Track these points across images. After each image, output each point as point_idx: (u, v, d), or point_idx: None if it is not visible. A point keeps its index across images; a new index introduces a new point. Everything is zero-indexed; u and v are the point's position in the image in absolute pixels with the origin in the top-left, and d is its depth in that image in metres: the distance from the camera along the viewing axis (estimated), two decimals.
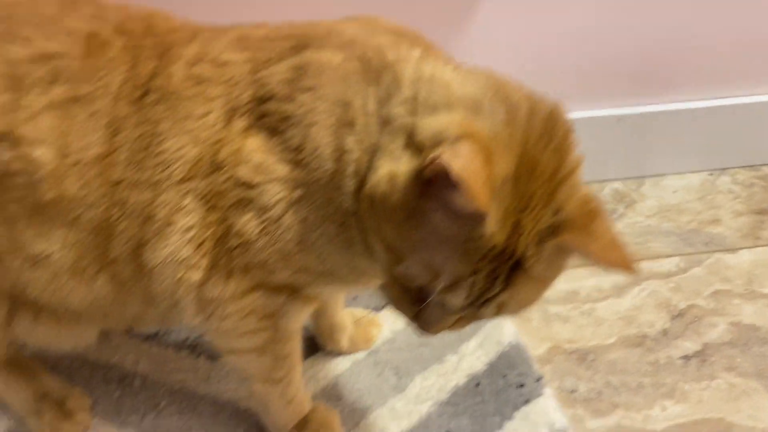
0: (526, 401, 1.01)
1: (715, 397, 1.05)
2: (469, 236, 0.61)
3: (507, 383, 1.03)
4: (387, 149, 0.67)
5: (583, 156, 0.67)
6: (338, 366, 1.07)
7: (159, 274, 0.78)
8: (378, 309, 1.15)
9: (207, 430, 0.97)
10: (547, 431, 0.97)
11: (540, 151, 0.63)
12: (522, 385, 1.03)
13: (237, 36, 0.77)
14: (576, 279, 1.27)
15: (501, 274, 0.64)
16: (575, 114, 1.43)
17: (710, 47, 1.40)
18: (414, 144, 0.65)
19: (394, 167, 0.65)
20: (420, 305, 0.68)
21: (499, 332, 1.11)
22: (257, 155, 0.72)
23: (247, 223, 0.73)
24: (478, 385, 1.03)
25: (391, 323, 1.13)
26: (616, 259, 0.63)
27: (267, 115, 0.73)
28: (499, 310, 0.67)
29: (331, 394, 1.02)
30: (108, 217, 0.76)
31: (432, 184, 0.61)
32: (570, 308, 1.20)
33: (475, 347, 1.09)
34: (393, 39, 0.73)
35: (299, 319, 0.84)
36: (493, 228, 0.61)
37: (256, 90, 0.73)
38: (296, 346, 0.88)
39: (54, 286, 0.82)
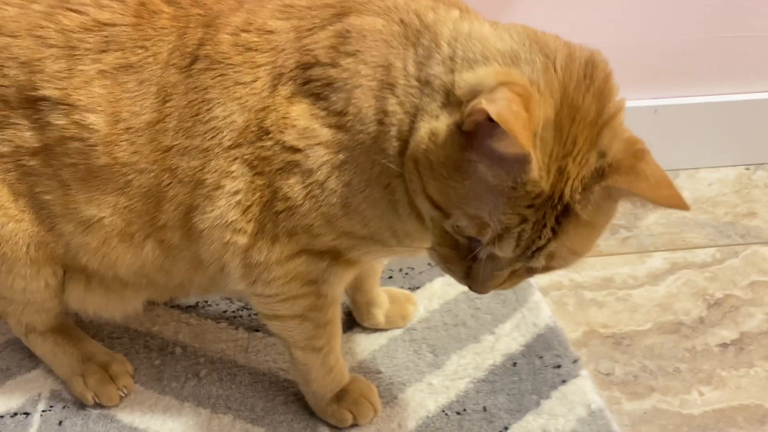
0: (563, 381, 1.01)
1: (753, 385, 1.04)
2: (515, 183, 0.62)
3: (544, 364, 1.03)
4: (427, 109, 0.68)
5: (624, 100, 0.67)
6: (375, 342, 1.07)
7: (207, 237, 0.79)
8: (413, 289, 1.16)
9: (245, 398, 0.98)
10: (584, 411, 0.96)
11: (581, 96, 0.63)
12: (559, 366, 1.03)
13: (281, 5, 0.78)
14: (611, 266, 1.26)
15: (549, 221, 0.63)
16: None
17: (751, 39, 1.40)
18: (453, 100, 0.66)
19: (435, 124, 0.66)
20: (471, 262, 0.68)
21: (535, 315, 1.11)
22: (302, 120, 0.74)
23: (293, 187, 0.75)
24: (515, 364, 1.04)
25: (426, 303, 1.14)
26: (667, 196, 0.62)
27: (311, 81, 0.74)
28: (551, 260, 0.67)
29: (369, 368, 1.03)
30: (159, 183, 0.78)
31: (473, 134, 0.62)
32: (605, 294, 1.20)
33: (511, 329, 1.10)
34: (431, 3, 0.74)
35: (340, 284, 0.85)
36: (538, 172, 0.61)
37: (300, 57, 0.75)
38: (336, 313, 0.89)
39: (104, 252, 0.84)
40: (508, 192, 0.62)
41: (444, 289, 1.17)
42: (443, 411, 0.96)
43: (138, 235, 0.83)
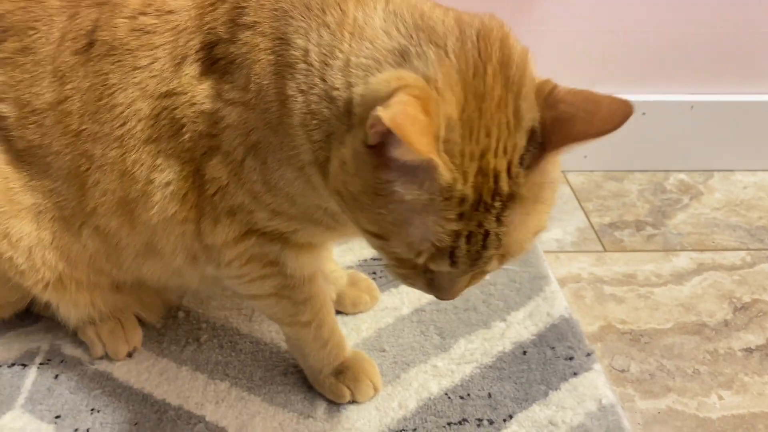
0: (575, 374, 0.96)
1: None
2: (431, 195, 0.57)
3: (555, 355, 0.99)
4: (337, 134, 0.64)
5: (527, 50, 0.62)
6: (382, 320, 1.04)
7: (162, 231, 0.80)
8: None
9: (244, 367, 0.96)
10: (594, 405, 0.92)
11: (482, 81, 0.59)
12: (571, 358, 0.98)
13: None
14: (634, 263, 1.21)
15: (489, 225, 0.59)
16: (646, 96, 1.39)
17: None
18: (355, 120, 0.61)
19: (342, 151, 0.62)
20: (430, 275, 0.65)
21: (550, 305, 1.07)
22: (209, 103, 0.72)
23: (217, 168, 0.74)
24: (525, 353, 0.99)
25: None
26: (603, 118, 0.56)
27: (217, 59, 0.72)
28: (508, 252, 0.62)
29: (374, 345, 1.00)
30: (77, 167, 0.78)
31: (381, 152, 0.57)
32: (626, 290, 1.15)
33: (524, 317, 1.05)
34: None
35: (304, 265, 0.82)
36: (449, 176, 0.56)
37: (204, 36, 0.73)
38: (316, 290, 0.86)
39: (56, 244, 0.84)
40: (429, 208, 0.58)
41: None
42: (446, 394, 0.93)
43: (73, 222, 0.82)
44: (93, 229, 0.82)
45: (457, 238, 0.59)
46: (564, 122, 0.57)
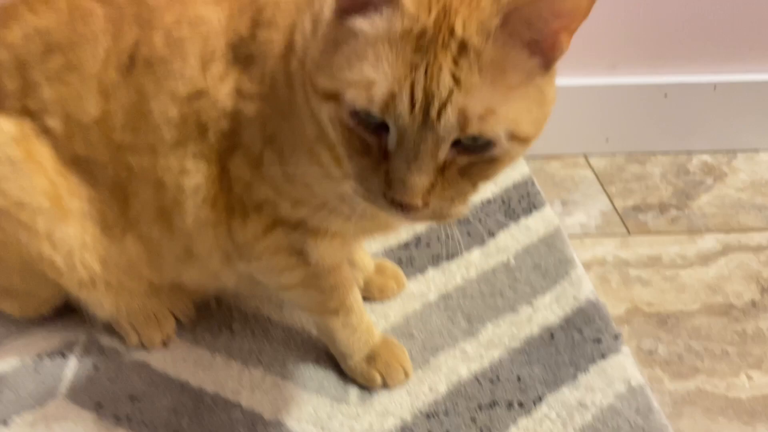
0: (603, 356, 0.97)
1: None
2: (390, 25, 0.57)
3: (583, 338, 1.00)
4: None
5: None
6: (409, 307, 1.06)
7: (197, 236, 0.83)
8: (450, 258, 1.14)
9: (278, 354, 0.98)
10: (623, 387, 0.93)
11: None
12: (599, 341, 0.99)
13: None
14: (659, 245, 1.22)
15: (445, 62, 0.56)
16: (668, 78, 1.38)
17: None
18: None
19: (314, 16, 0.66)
20: (385, 165, 0.60)
21: (576, 289, 1.08)
22: (231, 101, 0.75)
23: (239, 166, 0.78)
24: (552, 336, 1.00)
25: (464, 272, 1.12)
26: None
27: (238, 58, 0.75)
28: (466, 122, 0.57)
29: (402, 332, 1.01)
30: (119, 178, 0.82)
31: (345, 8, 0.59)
32: (651, 272, 1.16)
33: (551, 301, 1.06)
34: None
35: (326, 255, 0.84)
36: (413, 4, 0.56)
37: (230, 37, 0.76)
38: (341, 279, 0.88)
39: (91, 242, 0.86)
40: (388, 39, 0.57)
41: (482, 259, 1.14)
42: (476, 378, 0.94)
43: (116, 228, 0.85)
44: (136, 237, 0.85)
45: (413, 70, 0.56)
46: None
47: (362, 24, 0.58)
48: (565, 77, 1.37)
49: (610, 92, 1.40)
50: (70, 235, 0.84)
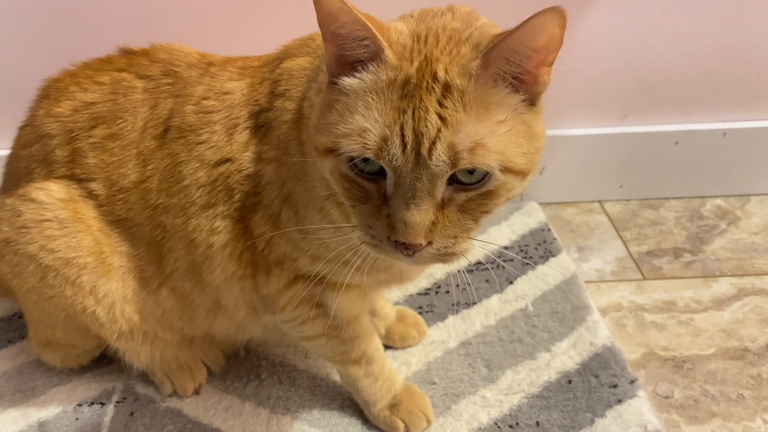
0: (619, 401, 1.00)
1: None
2: (376, 77, 0.64)
3: (600, 383, 1.03)
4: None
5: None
6: (430, 354, 1.09)
7: (225, 289, 0.90)
8: (469, 305, 1.18)
9: (304, 401, 1.02)
10: None
11: (436, 16, 0.69)
12: (615, 386, 1.02)
13: (238, 67, 0.89)
14: (673, 289, 1.24)
15: (430, 104, 0.61)
16: (678, 126, 1.43)
17: None
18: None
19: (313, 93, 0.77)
20: (387, 210, 0.64)
21: (592, 334, 1.11)
22: (253, 166, 0.84)
23: (260, 224, 0.85)
24: (570, 382, 1.03)
25: (483, 318, 1.15)
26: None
27: (259, 125, 0.84)
28: (456, 157, 0.61)
29: (424, 378, 1.05)
30: (155, 237, 0.89)
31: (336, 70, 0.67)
32: (666, 317, 1.18)
33: (568, 347, 1.09)
34: None
35: (345, 307, 0.90)
36: (395, 57, 0.63)
37: (252, 107, 0.85)
38: (360, 329, 0.93)
39: (131, 296, 0.93)
40: (376, 90, 0.63)
41: (501, 306, 1.18)
42: (496, 424, 0.97)
43: (152, 282, 0.92)
44: (170, 290, 0.91)
45: (402, 114, 0.62)
46: (506, 32, 0.63)
47: (351, 81, 0.66)
48: (579, 127, 1.43)
49: (622, 140, 1.44)
50: (112, 289, 0.90)
